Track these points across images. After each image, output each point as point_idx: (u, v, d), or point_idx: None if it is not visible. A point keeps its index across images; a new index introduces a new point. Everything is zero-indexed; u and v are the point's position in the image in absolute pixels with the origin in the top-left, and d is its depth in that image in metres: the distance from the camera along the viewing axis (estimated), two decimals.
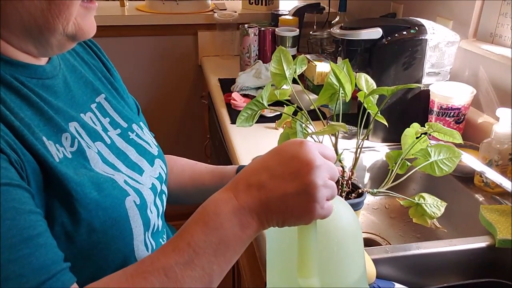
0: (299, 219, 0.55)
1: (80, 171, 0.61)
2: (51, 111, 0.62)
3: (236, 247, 0.55)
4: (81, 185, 0.59)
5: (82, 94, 0.72)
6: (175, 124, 2.37)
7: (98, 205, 0.61)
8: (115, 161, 0.70)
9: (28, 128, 0.57)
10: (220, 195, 0.57)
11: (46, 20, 0.59)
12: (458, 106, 1.14)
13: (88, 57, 0.80)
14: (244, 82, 1.63)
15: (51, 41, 0.62)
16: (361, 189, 0.77)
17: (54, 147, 0.60)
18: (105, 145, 0.70)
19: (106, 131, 0.73)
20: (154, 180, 0.76)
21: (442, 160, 0.76)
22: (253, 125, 0.77)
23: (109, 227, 0.62)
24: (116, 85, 0.83)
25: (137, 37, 2.13)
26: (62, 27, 0.60)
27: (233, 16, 2.07)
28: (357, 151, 0.77)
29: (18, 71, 0.61)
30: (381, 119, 0.78)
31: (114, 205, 0.63)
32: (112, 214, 0.63)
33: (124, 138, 0.75)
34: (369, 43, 1.19)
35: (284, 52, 0.76)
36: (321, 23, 2.02)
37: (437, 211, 0.76)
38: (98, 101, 0.75)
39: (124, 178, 0.68)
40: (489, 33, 1.23)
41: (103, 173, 0.65)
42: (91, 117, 0.71)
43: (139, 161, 0.75)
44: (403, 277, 0.84)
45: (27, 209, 0.52)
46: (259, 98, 0.75)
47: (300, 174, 0.53)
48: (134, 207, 0.66)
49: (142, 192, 0.70)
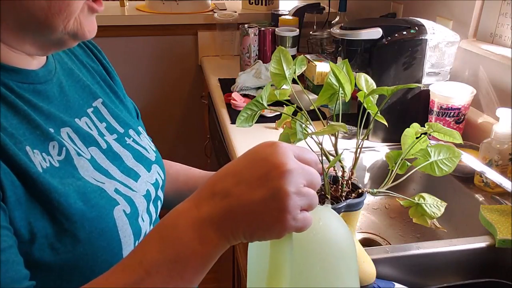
0: (268, 232, 0.47)
1: (66, 181, 0.59)
2: (39, 118, 0.60)
3: (196, 266, 0.49)
4: (65, 196, 0.57)
5: (78, 98, 0.70)
6: (175, 124, 2.37)
7: (83, 216, 0.58)
8: (109, 166, 0.69)
9: (11, 138, 0.55)
10: (181, 205, 0.51)
11: (46, 17, 0.57)
12: (458, 106, 1.14)
13: (87, 60, 0.79)
14: (244, 82, 1.63)
15: (50, 39, 0.60)
16: (361, 189, 0.77)
17: (39, 156, 0.58)
18: (100, 150, 0.69)
19: (102, 135, 0.71)
20: (150, 186, 0.74)
21: (442, 160, 0.76)
22: (253, 125, 0.76)
23: (96, 238, 0.59)
24: (116, 89, 0.81)
25: (137, 37, 2.13)
26: (63, 25, 0.59)
27: (233, 16, 2.07)
28: (357, 151, 0.77)
29: (8, 76, 0.59)
30: (381, 119, 0.78)
31: (101, 215, 0.60)
32: (98, 225, 0.60)
33: (121, 143, 0.74)
34: (369, 43, 1.19)
35: (284, 52, 0.76)
36: (321, 23, 2.02)
37: (437, 211, 0.75)
38: (95, 105, 0.73)
39: (115, 186, 0.66)
40: (489, 33, 1.23)
41: (92, 182, 0.63)
42: (87, 121, 0.70)
43: (135, 166, 0.73)
44: (403, 277, 0.84)
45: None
46: (259, 98, 0.75)
47: (269, 179, 0.46)
48: (124, 216, 0.64)
49: (134, 200, 0.68)
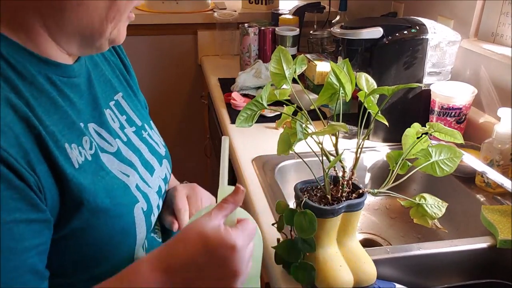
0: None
1: (96, 177, 0.62)
2: (74, 115, 0.63)
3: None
4: (94, 195, 0.60)
5: (102, 92, 0.72)
6: (175, 124, 2.36)
7: (107, 214, 0.62)
8: (132, 157, 0.72)
9: (52, 137, 0.57)
10: (149, 273, 0.57)
11: (101, 24, 0.61)
12: (459, 106, 1.14)
13: (108, 54, 0.81)
14: (244, 82, 1.62)
15: (94, 43, 0.63)
16: (362, 190, 0.76)
17: (76, 150, 0.60)
18: (122, 142, 0.71)
19: (123, 128, 0.73)
20: (161, 182, 0.77)
21: (443, 160, 0.75)
22: (252, 125, 0.76)
23: (115, 234, 0.64)
24: (132, 83, 0.83)
25: (136, 37, 2.12)
26: (110, 31, 0.62)
27: (233, 16, 2.06)
28: (358, 151, 0.77)
29: (51, 70, 0.61)
30: (382, 119, 0.78)
31: (123, 213, 0.65)
32: (119, 222, 0.64)
33: (138, 136, 0.76)
34: (370, 43, 1.18)
35: (284, 52, 0.75)
36: (321, 22, 2.01)
37: (438, 211, 0.75)
38: (116, 98, 0.76)
39: (136, 182, 0.69)
40: (490, 33, 1.22)
41: (119, 175, 0.67)
42: (110, 114, 0.72)
43: (151, 160, 0.76)
44: (404, 278, 0.84)
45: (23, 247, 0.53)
46: (259, 98, 0.75)
47: (227, 279, 0.57)
48: (141, 214, 0.68)
49: (150, 197, 0.71)
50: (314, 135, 0.72)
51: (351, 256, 0.77)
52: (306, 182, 0.80)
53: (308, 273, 0.73)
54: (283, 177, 1.14)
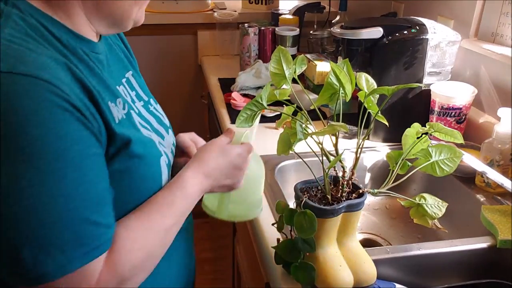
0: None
1: (131, 131, 0.71)
2: (107, 80, 0.71)
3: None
4: (133, 143, 0.68)
5: (116, 69, 0.79)
6: (175, 124, 2.34)
7: (142, 160, 0.70)
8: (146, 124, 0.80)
9: (99, 95, 0.64)
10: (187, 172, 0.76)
11: (130, 6, 0.69)
12: (459, 106, 1.14)
13: (116, 37, 0.88)
14: (244, 82, 1.62)
15: (124, 24, 0.71)
16: (362, 190, 0.76)
17: (116, 108, 0.69)
18: (136, 114, 0.78)
19: (134, 102, 0.80)
20: (171, 145, 0.87)
21: (443, 160, 0.75)
22: (252, 125, 0.76)
23: (146, 180, 0.72)
24: (134, 64, 0.91)
25: (136, 37, 2.12)
26: (136, 13, 0.70)
27: (233, 16, 2.06)
28: (358, 151, 0.77)
29: (85, 45, 0.69)
30: (382, 119, 0.78)
31: (153, 163, 0.74)
32: (150, 169, 0.73)
33: (147, 109, 0.84)
34: (370, 43, 1.18)
35: (284, 52, 0.75)
36: (321, 22, 2.01)
37: (438, 211, 0.75)
38: (127, 76, 0.83)
39: (158, 139, 0.79)
40: (490, 33, 1.22)
41: (144, 133, 0.75)
42: (123, 89, 0.78)
43: (159, 129, 0.84)
44: (404, 278, 0.84)
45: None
46: (259, 98, 0.75)
47: (233, 175, 0.80)
48: (165, 165, 0.77)
49: (168, 154, 0.81)
50: (314, 135, 0.72)
51: (351, 256, 0.77)
52: (306, 182, 0.80)
53: (308, 273, 0.73)
54: (283, 177, 1.14)
